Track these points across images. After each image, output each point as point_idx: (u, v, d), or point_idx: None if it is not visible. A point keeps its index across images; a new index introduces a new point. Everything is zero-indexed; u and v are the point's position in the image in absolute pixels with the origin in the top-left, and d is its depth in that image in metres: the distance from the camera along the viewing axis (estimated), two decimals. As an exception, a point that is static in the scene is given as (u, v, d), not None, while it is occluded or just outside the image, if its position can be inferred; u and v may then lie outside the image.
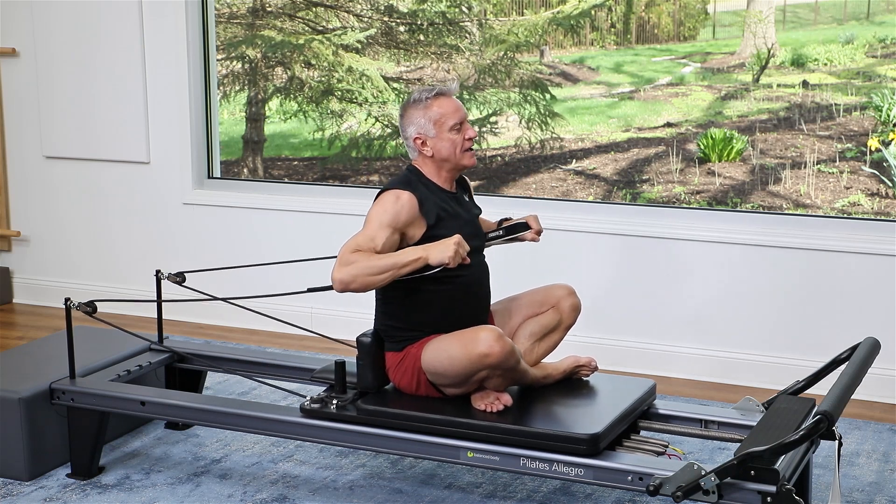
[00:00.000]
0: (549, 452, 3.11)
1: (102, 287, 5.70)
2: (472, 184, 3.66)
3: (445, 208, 3.35)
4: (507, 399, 3.30)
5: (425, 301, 3.33)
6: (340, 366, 3.45)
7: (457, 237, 3.18)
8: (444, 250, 3.15)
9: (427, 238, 3.27)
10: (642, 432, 3.47)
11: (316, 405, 3.39)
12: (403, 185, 3.32)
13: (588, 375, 3.57)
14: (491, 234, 3.59)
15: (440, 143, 3.34)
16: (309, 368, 3.88)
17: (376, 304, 3.43)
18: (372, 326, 3.47)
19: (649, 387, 3.52)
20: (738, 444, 3.06)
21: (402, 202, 3.25)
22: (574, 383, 3.53)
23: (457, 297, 3.34)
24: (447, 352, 3.23)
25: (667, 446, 3.28)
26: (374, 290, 3.31)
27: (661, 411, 3.52)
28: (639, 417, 3.45)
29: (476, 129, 3.39)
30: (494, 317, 3.53)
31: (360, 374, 3.41)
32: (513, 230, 3.58)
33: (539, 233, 3.57)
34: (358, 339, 3.41)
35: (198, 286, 4.15)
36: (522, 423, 3.20)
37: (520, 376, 3.33)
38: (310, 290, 3.65)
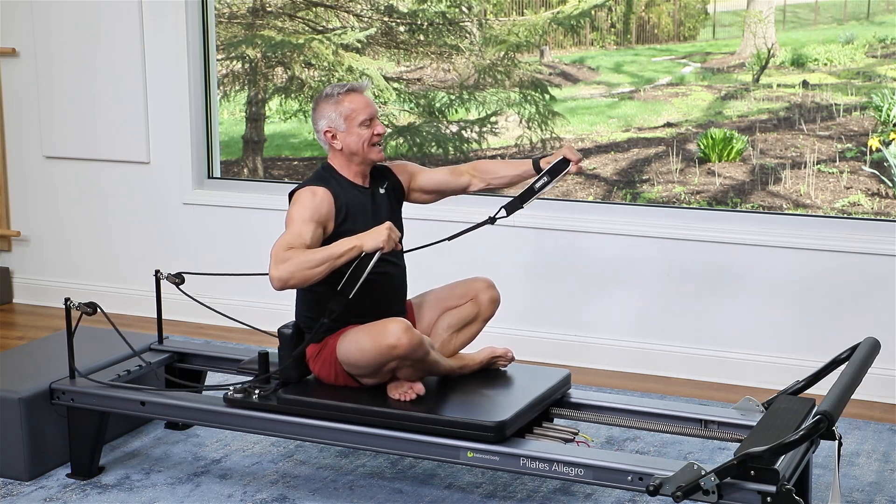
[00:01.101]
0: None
1: (102, 287, 5.70)
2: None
3: (355, 203, 3.44)
4: (419, 388, 3.39)
5: (343, 293, 3.39)
6: (264, 356, 3.57)
7: (387, 223, 3.26)
8: (377, 236, 3.22)
9: (337, 233, 3.36)
10: (555, 420, 3.55)
11: (239, 395, 3.48)
12: (318, 181, 3.43)
13: (505, 366, 3.67)
14: (538, 185, 3.56)
15: (349, 137, 3.44)
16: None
17: (296, 297, 3.53)
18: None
19: (563, 376, 3.61)
20: (738, 444, 3.07)
21: (319, 197, 3.36)
22: (490, 373, 3.62)
23: (373, 290, 3.41)
24: (358, 343, 3.33)
25: (576, 433, 3.35)
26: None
27: (574, 400, 3.60)
28: (552, 406, 3.54)
29: (385, 127, 3.49)
30: (415, 309, 3.62)
31: (282, 365, 3.51)
32: (557, 170, 3.54)
33: (579, 161, 3.56)
34: (279, 331, 3.51)
35: (198, 286, 4.15)
36: (433, 412, 3.30)
37: (431, 367, 3.42)
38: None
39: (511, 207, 3.63)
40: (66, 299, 3.63)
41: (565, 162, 3.54)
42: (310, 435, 3.41)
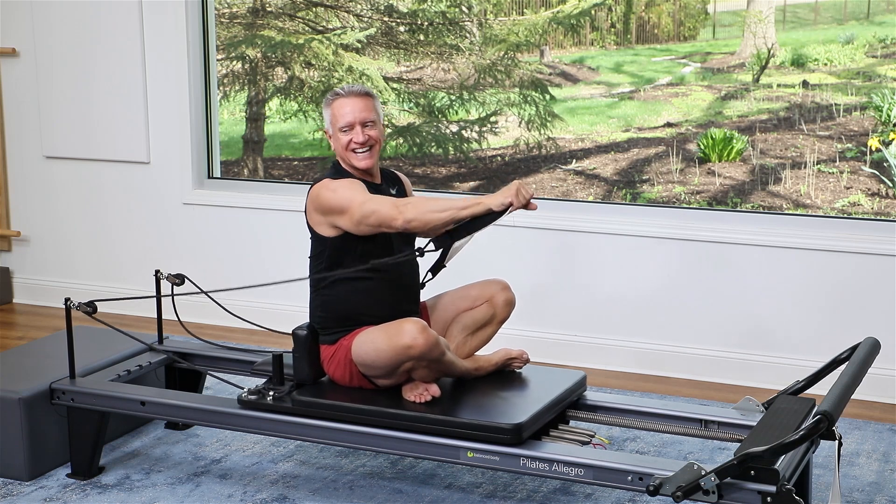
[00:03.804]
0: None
1: (102, 287, 5.69)
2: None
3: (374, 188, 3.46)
4: (435, 390, 3.37)
5: (357, 295, 3.41)
6: (278, 358, 3.54)
7: (517, 181, 3.23)
8: (506, 192, 3.19)
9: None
10: (571, 422, 3.53)
11: (253, 397, 3.46)
12: (333, 177, 3.44)
13: (520, 368, 3.66)
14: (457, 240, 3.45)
15: (335, 141, 3.48)
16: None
17: (310, 299, 3.51)
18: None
19: (579, 378, 3.59)
20: (738, 444, 3.07)
21: (350, 179, 3.39)
22: (505, 375, 3.61)
23: (387, 290, 3.42)
24: (374, 343, 3.31)
25: (593, 436, 3.33)
26: (308, 285, 3.45)
27: (590, 402, 3.58)
28: (567, 408, 3.52)
29: (367, 134, 3.41)
30: (429, 310, 3.62)
31: (297, 367, 3.50)
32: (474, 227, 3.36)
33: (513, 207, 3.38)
34: (293, 333, 3.49)
35: (198, 284, 4.14)
36: (449, 414, 3.28)
37: (447, 368, 3.41)
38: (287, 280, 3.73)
39: (439, 242, 3.41)
40: (67, 299, 3.63)
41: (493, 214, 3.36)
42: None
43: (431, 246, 3.40)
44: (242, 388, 3.56)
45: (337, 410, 3.35)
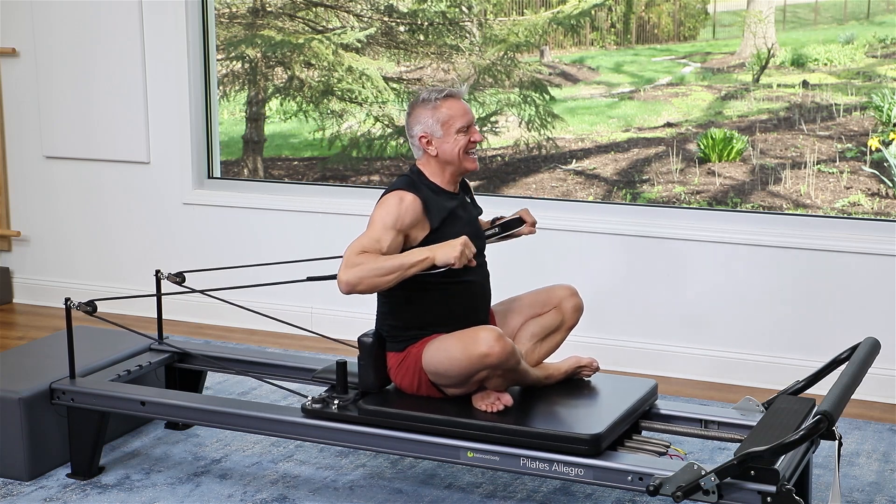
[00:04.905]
0: (551, 453, 3.10)
1: (102, 287, 5.70)
2: (471, 184, 3.68)
3: (450, 210, 3.35)
4: (507, 399, 3.30)
5: (427, 302, 3.33)
6: (342, 366, 3.45)
7: (463, 238, 3.18)
8: (450, 251, 3.15)
9: (430, 240, 3.27)
10: (644, 432, 3.47)
11: (317, 405, 3.39)
12: (407, 186, 3.32)
13: (590, 376, 3.58)
14: (487, 233, 3.60)
15: (445, 144, 3.34)
16: (309, 368, 3.88)
17: (378, 305, 3.43)
18: (374, 326, 3.48)
19: (651, 387, 3.52)
20: (738, 444, 3.06)
21: (405, 204, 3.26)
22: (575, 384, 3.53)
23: (458, 297, 3.35)
24: (448, 352, 3.23)
25: (668, 446, 3.28)
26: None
27: (662, 411, 3.52)
28: (640, 417, 3.45)
29: (482, 135, 3.40)
30: (496, 318, 3.53)
31: (362, 375, 3.41)
32: (508, 227, 3.61)
33: (534, 224, 3.60)
34: (359, 340, 3.41)
35: (198, 286, 4.15)
36: (523, 424, 3.20)
37: (520, 377, 3.33)
38: (309, 279, 3.72)
39: None
40: (67, 299, 3.63)
41: (520, 221, 3.56)
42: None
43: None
44: (306, 396, 3.47)
45: (408, 420, 3.27)
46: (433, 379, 3.32)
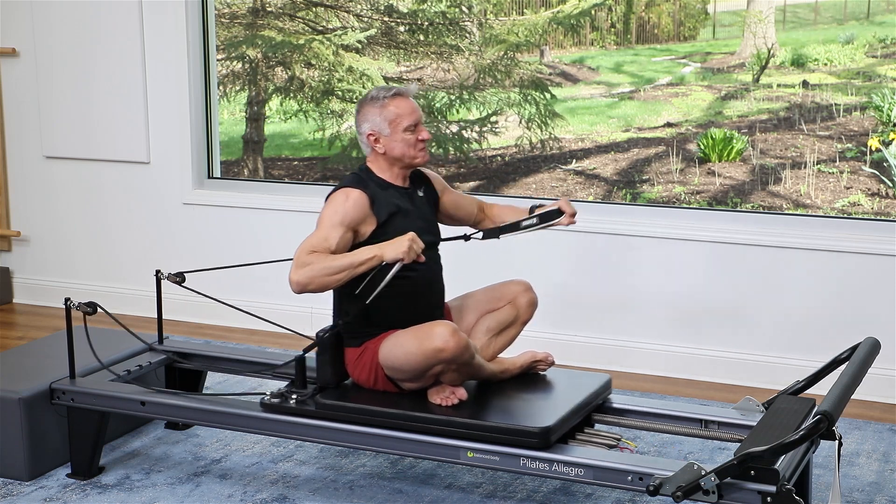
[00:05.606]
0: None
1: (102, 287, 5.70)
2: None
3: (398, 205, 3.40)
4: (462, 393, 3.36)
5: (382, 297, 3.35)
6: (300, 361, 3.50)
7: (410, 234, 3.23)
8: (398, 247, 3.20)
9: (377, 235, 3.33)
10: (596, 426, 3.51)
11: (276, 400, 3.44)
12: (354, 183, 3.39)
13: (545, 370, 3.64)
14: (525, 223, 3.57)
15: (393, 142, 3.40)
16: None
17: (334, 301, 3.48)
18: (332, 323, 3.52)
19: (604, 381, 3.57)
20: (738, 444, 3.06)
21: (351, 200, 3.32)
22: (530, 378, 3.59)
23: (412, 292, 3.39)
24: (403, 347, 3.29)
25: (619, 439, 3.32)
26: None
27: (616, 405, 3.56)
28: (593, 411, 3.50)
29: (430, 131, 3.43)
30: (452, 313, 3.59)
31: (320, 370, 3.47)
32: (547, 217, 3.55)
33: (573, 215, 3.56)
34: (317, 335, 3.46)
35: (198, 286, 4.15)
36: (476, 417, 3.25)
37: (475, 371, 3.39)
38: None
39: (489, 233, 3.59)
40: (67, 299, 3.63)
41: (559, 212, 3.54)
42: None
43: (479, 235, 3.55)
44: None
45: (363, 414, 3.31)
46: (389, 374, 3.37)
